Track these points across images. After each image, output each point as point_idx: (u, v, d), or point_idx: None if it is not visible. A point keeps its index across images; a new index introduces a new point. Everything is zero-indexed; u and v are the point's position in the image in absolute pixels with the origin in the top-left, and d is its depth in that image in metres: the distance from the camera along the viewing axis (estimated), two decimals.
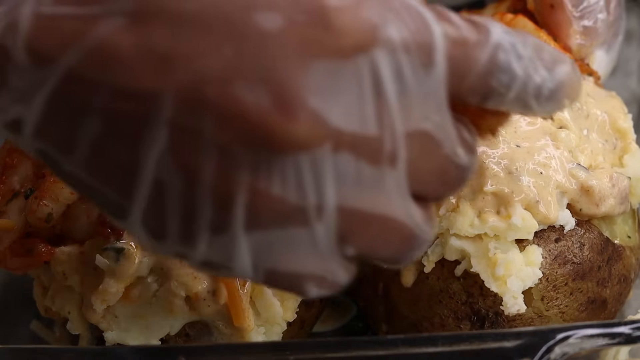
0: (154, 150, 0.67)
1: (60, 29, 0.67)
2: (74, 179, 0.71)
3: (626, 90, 1.30)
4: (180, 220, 0.69)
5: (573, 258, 1.00)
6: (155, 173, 0.68)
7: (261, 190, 0.67)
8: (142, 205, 0.69)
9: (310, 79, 0.66)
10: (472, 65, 0.74)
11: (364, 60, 0.69)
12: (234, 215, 0.68)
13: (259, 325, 0.99)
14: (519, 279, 0.96)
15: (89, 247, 0.99)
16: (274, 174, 0.67)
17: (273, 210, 0.68)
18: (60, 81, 0.67)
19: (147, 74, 0.66)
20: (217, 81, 0.66)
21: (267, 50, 0.66)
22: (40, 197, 0.98)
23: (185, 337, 0.99)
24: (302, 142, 0.66)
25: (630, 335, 0.85)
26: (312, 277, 0.72)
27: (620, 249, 1.04)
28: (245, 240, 0.70)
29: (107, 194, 0.70)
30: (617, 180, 1.02)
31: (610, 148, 1.06)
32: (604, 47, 1.12)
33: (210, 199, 0.68)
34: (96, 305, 0.97)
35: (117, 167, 0.69)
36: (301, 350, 0.85)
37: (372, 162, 0.70)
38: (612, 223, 1.05)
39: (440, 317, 1.00)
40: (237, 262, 0.71)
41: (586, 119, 1.05)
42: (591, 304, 1.02)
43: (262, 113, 0.66)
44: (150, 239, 0.71)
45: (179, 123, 0.66)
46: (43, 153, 0.71)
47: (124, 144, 0.68)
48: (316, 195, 0.69)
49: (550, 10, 1.09)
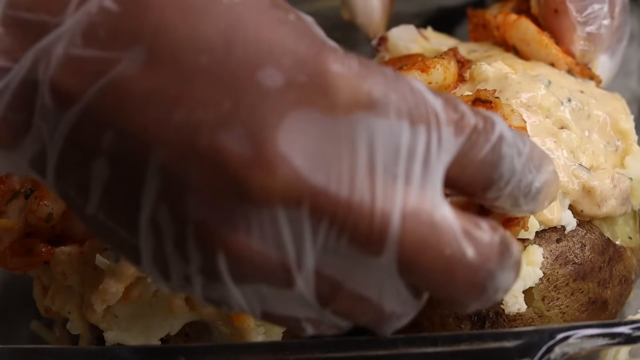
0: (151, 195, 0.69)
1: (85, 69, 0.70)
2: (94, 221, 0.73)
3: (626, 90, 1.30)
4: (178, 263, 0.71)
5: (574, 258, 1.00)
6: (153, 217, 0.70)
7: (241, 244, 0.69)
8: (149, 248, 0.72)
9: (299, 137, 0.67)
10: (476, 152, 0.74)
11: (359, 123, 0.69)
12: (219, 266, 0.70)
13: (259, 325, 0.99)
14: (520, 278, 0.96)
15: (89, 247, 0.99)
16: (252, 227, 0.68)
17: (256, 265, 0.70)
18: (77, 120, 0.70)
19: (150, 116, 0.68)
20: (209, 130, 0.68)
21: (261, 105, 0.68)
22: (40, 197, 0.98)
23: (185, 337, 0.99)
24: (277, 195, 0.67)
25: (630, 335, 0.84)
26: (307, 320, 0.74)
27: (621, 249, 1.04)
28: (236, 290, 0.71)
29: (120, 234, 0.73)
30: (618, 181, 1.02)
31: (611, 149, 1.06)
32: (608, 52, 1.11)
33: (198, 249, 0.70)
34: (96, 305, 0.97)
35: (125, 208, 0.71)
36: (301, 350, 0.85)
37: (356, 240, 0.70)
38: (614, 224, 1.05)
39: (441, 317, 0.99)
40: (233, 305, 0.73)
41: (587, 120, 1.05)
42: (592, 305, 1.02)
43: (243, 164, 0.67)
44: (160, 279, 0.73)
45: (170, 171, 0.68)
46: (66, 194, 0.74)
47: (128, 187, 0.70)
48: (295, 252, 0.70)
49: (554, 15, 1.09)
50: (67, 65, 0.70)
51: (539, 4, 1.10)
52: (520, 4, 1.16)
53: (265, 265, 0.70)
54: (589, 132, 1.05)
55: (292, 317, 0.74)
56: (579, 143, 1.03)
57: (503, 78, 1.04)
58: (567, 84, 1.07)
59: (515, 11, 1.14)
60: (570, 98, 1.04)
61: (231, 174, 0.68)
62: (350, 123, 0.69)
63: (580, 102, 1.05)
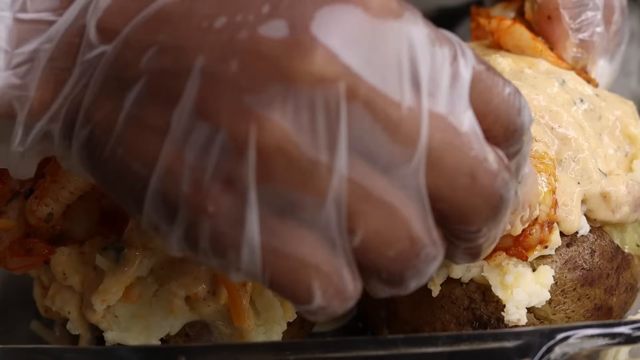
0: (186, 101, 0.71)
1: (129, 6, 0.74)
2: (108, 165, 0.75)
3: (626, 90, 1.30)
4: (192, 175, 0.71)
5: (583, 264, 1.00)
6: (182, 129, 0.71)
7: (276, 124, 0.69)
8: (161, 174, 0.72)
9: (336, 24, 0.70)
10: (499, 89, 0.76)
11: (391, 24, 0.71)
12: (246, 158, 0.70)
13: (259, 325, 0.99)
14: (526, 293, 0.96)
15: (89, 247, 0.99)
16: (287, 106, 0.69)
17: (286, 155, 0.69)
18: (120, 48, 0.74)
19: (192, 26, 0.72)
20: (249, 27, 0.70)
21: (300, 1, 0.71)
22: (40, 197, 0.98)
23: (185, 337, 0.99)
24: (315, 73, 0.69)
25: (630, 335, 0.85)
26: (318, 271, 0.72)
27: (629, 257, 1.04)
28: (255, 197, 0.70)
29: (134, 166, 0.73)
30: (632, 188, 1.02)
31: (621, 154, 1.06)
32: (607, 56, 1.12)
33: (227, 140, 0.70)
34: (96, 305, 0.97)
35: (149, 131, 0.72)
36: (301, 350, 0.85)
37: (388, 130, 0.71)
38: (623, 231, 1.04)
39: (442, 322, 0.99)
40: (246, 229, 0.71)
41: (599, 121, 1.05)
42: (597, 311, 1.01)
43: (281, 47, 0.69)
44: (166, 212, 0.73)
45: (210, 70, 0.71)
46: (87, 140, 0.75)
47: (160, 102, 0.72)
48: (328, 139, 0.70)
49: (548, 22, 1.09)
50: (113, 6, 0.75)
51: (533, 9, 1.10)
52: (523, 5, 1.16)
53: (295, 157, 0.70)
54: (601, 135, 1.05)
55: (303, 263, 0.72)
56: (594, 145, 1.03)
57: (519, 72, 1.04)
58: (579, 85, 1.07)
59: (519, 12, 1.14)
60: (582, 99, 1.04)
61: (269, 57, 0.70)
62: (384, 22, 0.71)
63: (592, 103, 1.05)
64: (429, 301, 1.00)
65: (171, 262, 0.97)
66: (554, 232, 0.97)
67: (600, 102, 1.06)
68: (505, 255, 0.96)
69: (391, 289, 0.76)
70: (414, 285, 0.76)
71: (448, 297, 0.99)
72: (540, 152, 0.98)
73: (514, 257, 0.96)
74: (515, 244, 0.95)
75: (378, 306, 1.05)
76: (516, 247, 0.96)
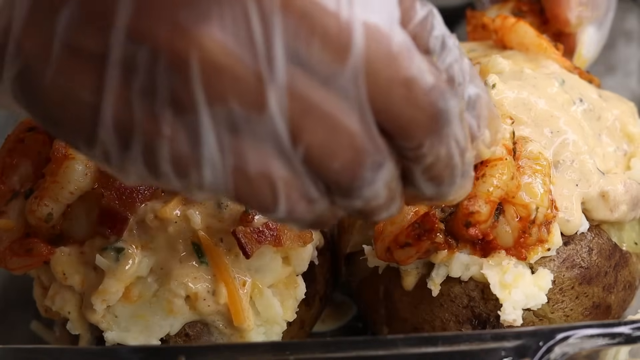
0: (121, 22, 0.68)
1: None
2: (50, 97, 0.72)
3: (626, 90, 1.30)
4: (142, 99, 0.70)
5: (581, 262, 1.00)
6: (123, 54, 0.69)
7: (216, 40, 0.68)
8: (111, 101, 0.70)
9: None
10: (423, 22, 0.77)
11: None
12: (192, 76, 0.69)
13: (259, 325, 0.99)
14: (523, 294, 0.96)
15: (89, 247, 0.99)
16: (225, 21, 0.68)
17: (229, 70, 0.69)
18: None
19: None
20: None
21: None
22: (40, 197, 0.98)
23: (185, 337, 0.99)
24: None
25: (630, 335, 0.85)
26: (278, 177, 0.72)
27: (627, 255, 1.04)
28: (208, 116, 0.70)
29: (78, 93, 0.71)
30: (630, 187, 1.02)
31: (620, 154, 1.06)
32: (596, 23, 1.11)
33: (167, 64, 0.69)
34: (96, 305, 0.97)
35: (90, 57, 0.70)
36: (301, 350, 0.85)
37: (324, 41, 0.70)
38: (621, 229, 1.04)
39: (442, 321, 0.99)
40: (204, 149, 0.71)
41: (598, 121, 1.05)
42: (596, 309, 1.01)
43: None
44: (118, 149, 0.71)
45: None
46: (21, 72, 0.72)
47: (94, 26, 0.69)
48: (266, 51, 0.69)
49: None
50: None
51: None
52: (520, 5, 1.16)
53: (239, 71, 0.69)
54: (599, 135, 1.05)
55: (266, 175, 0.72)
56: (593, 145, 1.03)
57: (519, 72, 1.05)
58: (578, 85, 1.07)
59: (514, 12, 1.14)
60: (582, 99, 1.04)
61: None
62: None
63: (591, 103, 1.05)
64: (429, 300, 1.00)
65: (171, 262, 0.97)
66: (555, 233, 0.97)
67: (601, 103, 1.06)
68: (505, 254, 0.96)
69: (346, 201, 0.76)
70: (367, 194, 0.75)
71: (447, 295, 0.99)
72: (535, 152, 0.98)
73: (514, 257, 0.96)
74: (515, 244, 0.96)
75: (377, 305, 1.05)
76: (516, 247, 0.96)
